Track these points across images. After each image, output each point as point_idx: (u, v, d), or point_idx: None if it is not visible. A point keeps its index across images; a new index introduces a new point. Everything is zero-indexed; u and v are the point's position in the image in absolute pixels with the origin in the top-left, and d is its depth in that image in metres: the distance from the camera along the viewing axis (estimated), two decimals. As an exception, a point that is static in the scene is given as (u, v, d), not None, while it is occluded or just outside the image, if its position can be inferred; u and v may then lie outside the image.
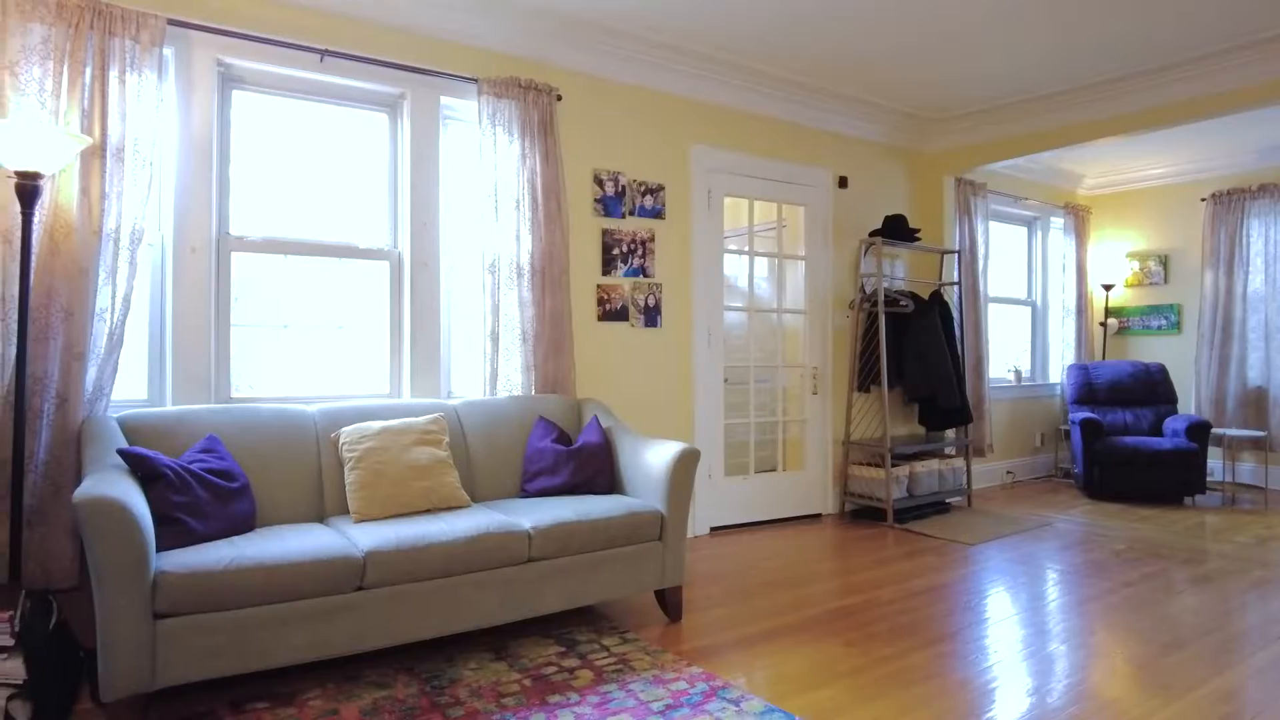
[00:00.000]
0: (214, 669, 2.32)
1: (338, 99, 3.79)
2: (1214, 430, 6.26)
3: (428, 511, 3.04)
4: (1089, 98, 5.25)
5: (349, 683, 2.65)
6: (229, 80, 3.51)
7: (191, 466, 2.65)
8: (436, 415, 3.34)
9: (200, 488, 2.60)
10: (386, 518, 2.94)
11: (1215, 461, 6.81)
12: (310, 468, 3.10)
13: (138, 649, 2.20)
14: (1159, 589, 3.80)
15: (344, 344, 3.83)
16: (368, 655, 2.90)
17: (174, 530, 2.48)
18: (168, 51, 3.29)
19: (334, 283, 3.80)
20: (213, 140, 3.39)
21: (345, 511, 3.09)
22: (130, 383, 3.31)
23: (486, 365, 3.91)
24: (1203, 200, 6.85)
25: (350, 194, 3.86)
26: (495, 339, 3.92)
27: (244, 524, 2.73)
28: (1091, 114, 5.31)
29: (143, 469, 2.50)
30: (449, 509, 3.09)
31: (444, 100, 3.97)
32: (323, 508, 3.09)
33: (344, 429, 3.15)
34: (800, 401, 5.52)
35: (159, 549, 2.43)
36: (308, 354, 3.75)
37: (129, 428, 2.85)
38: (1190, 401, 7.01)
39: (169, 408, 3.03)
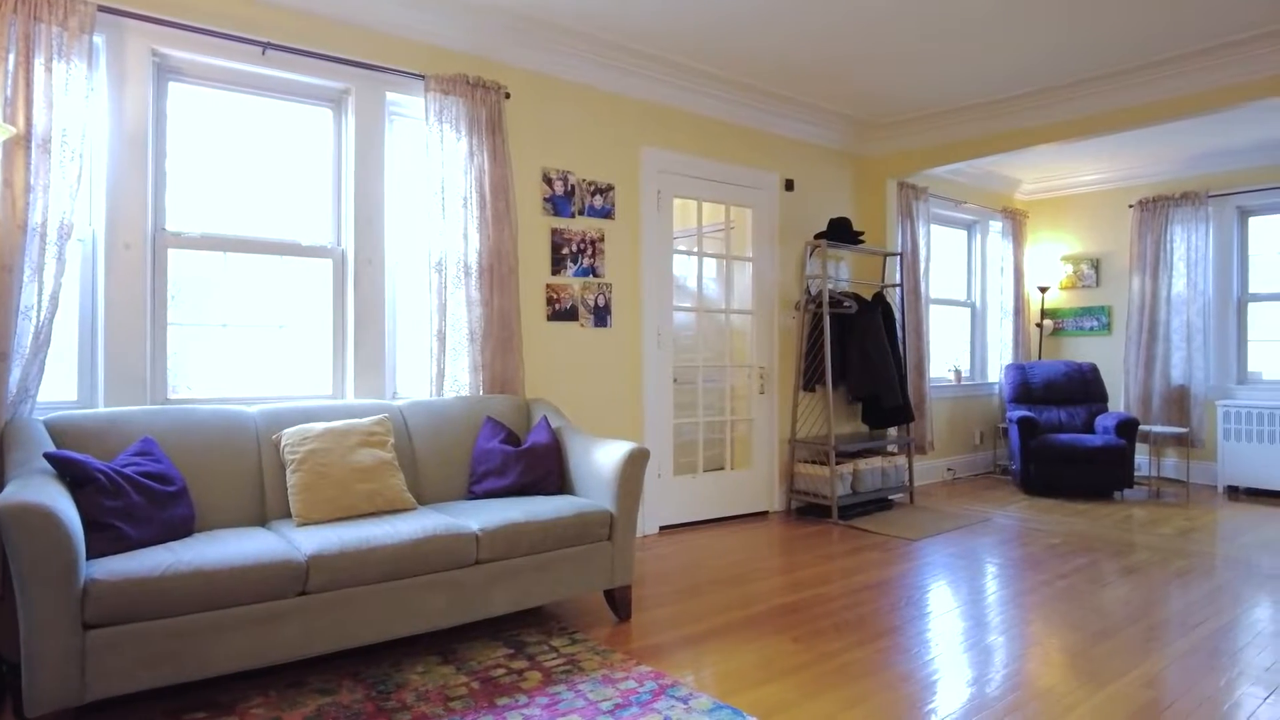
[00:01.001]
0: (149, 680, 2.25)
1: (281, 93, 3.70)
2: (1141, 427, 6.53)
3: (372, 514, 2.99)
4: (1028, 105, 5.42)
5: (292, 689, 2.59)
6: (165, 71, 3.40)
7: (125, 470, 2.56)
8: (381, 416, 3.29)
9: (135, 492, 2.52)
10: (330, 521, 2.89)
11: (1142, 457, 7.10)
12: (251, 470, 3.02)
13: (66, 661, 2.12)
14: (1090, 581, 3.94)
15: (286, 343, 3.75)
16: (312, 661, 2.84)
17: (106, 536, 2.39)
18: (98, 39, 3.17)
19: (276, 281, 3.71)
20: (148, 133, 3.28)
21: (287, 514, 3.02)
22: (59, 384, 3.18)
23: (433, 365, 3.86)
24: (1131, 206, 7.13)
25: (293, 190, 3.77)
26: (442, 338, 3.87)
27: (182, 528, 2.65)
28: (1030, 121, 5.48)
29: (72, 473, 2.40)
30: (394, 511, 3.04)
31: (390, 96, 3.91)
32: (264, 511, 3.02)
33: (285, 430, 3.08)
34: (748, 401, 5.58)
35: (90, 556, 2.34)
36: (248, 354, 3.65)
37: (57, 430, 2.74)
38: (1120, 399, 7.29)
39: (101, 409, 2.92)
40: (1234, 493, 6.39)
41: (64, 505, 2.17)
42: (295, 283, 3.76)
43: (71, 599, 2.12)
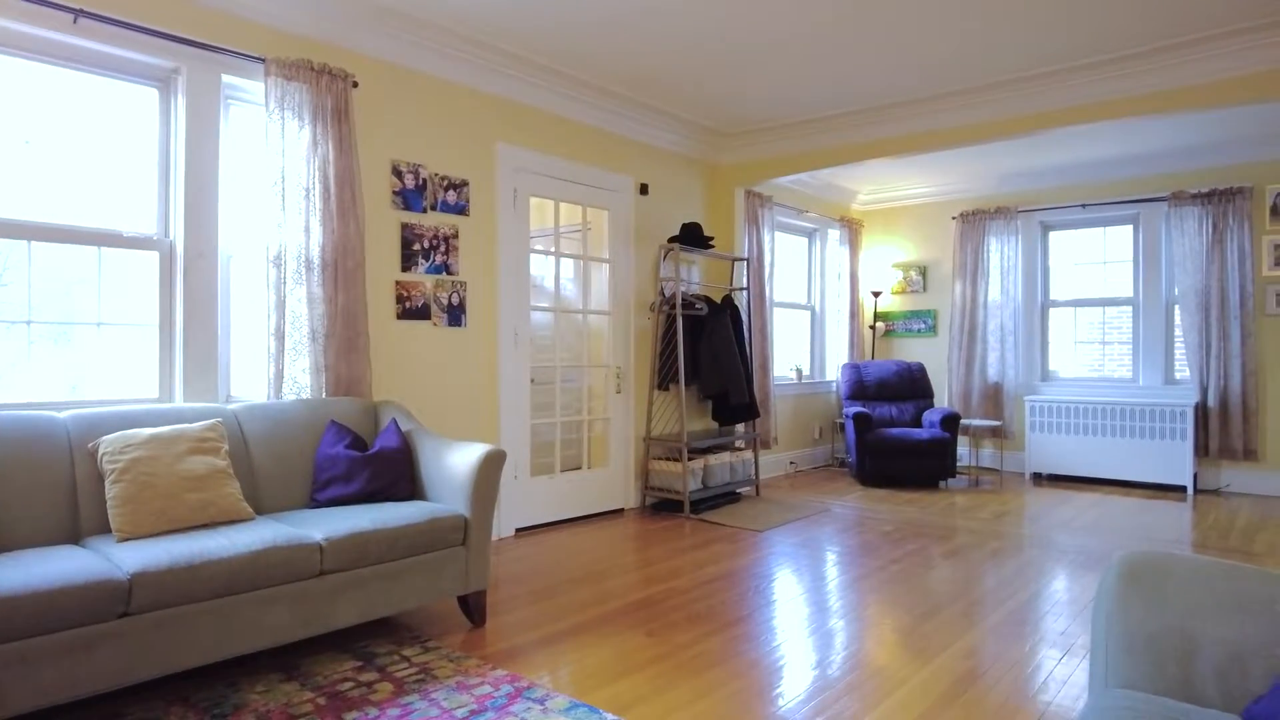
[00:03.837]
0: (-65, 721, 2.00)
1: (97, 68, 3.37)
2: (962, 421, 7.13)
3: (205, 526, 2.79)
4: (866, 121, 5.79)
5: (110, 721, 2.38)
6: (-48, 36, 3.03)
7: (-97, 486, 2.26)
8: (214, 421, 3.07)
9: (-85, 511, 2.22)
10: (157, 534, 2.67)
11: (963, 448, 7.76)
12: (61, 483, 2.74)
13: None
14: (919, 564, 4.27)
15: (104, 343, 3.42)
16: (137, 688, 2.62)
17: (-121, 562, 2.10)
18: None
19: (92, 274, 3.38)
20: (-70, 104, 2.90)
21: (107, 530, 2.77)
22: None
23: (271, 366, 3.65)
24: (953, 218, 7.77)
25: (113, 176, 3.45)
26: (280, 337, 3.67)
27: (-26, 550, 2.37)
28: (865, 136, 5.86)
29: None
30: (230, 522, 2.85)
31: (227, 79, 3.66)
32: (78, 527, 2.75)
33: (104, 438, 2.82)
34: (605, 400, 5.63)
35: None
36: (59, 354, 3.31)
37: None
38: (944, 396, 7.93)
39: None
40: (1039, 479, 7.10)
41: None
42: (116, 276, 3.44)
43: None
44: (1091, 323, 7.32)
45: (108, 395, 3.40)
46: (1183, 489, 6.50)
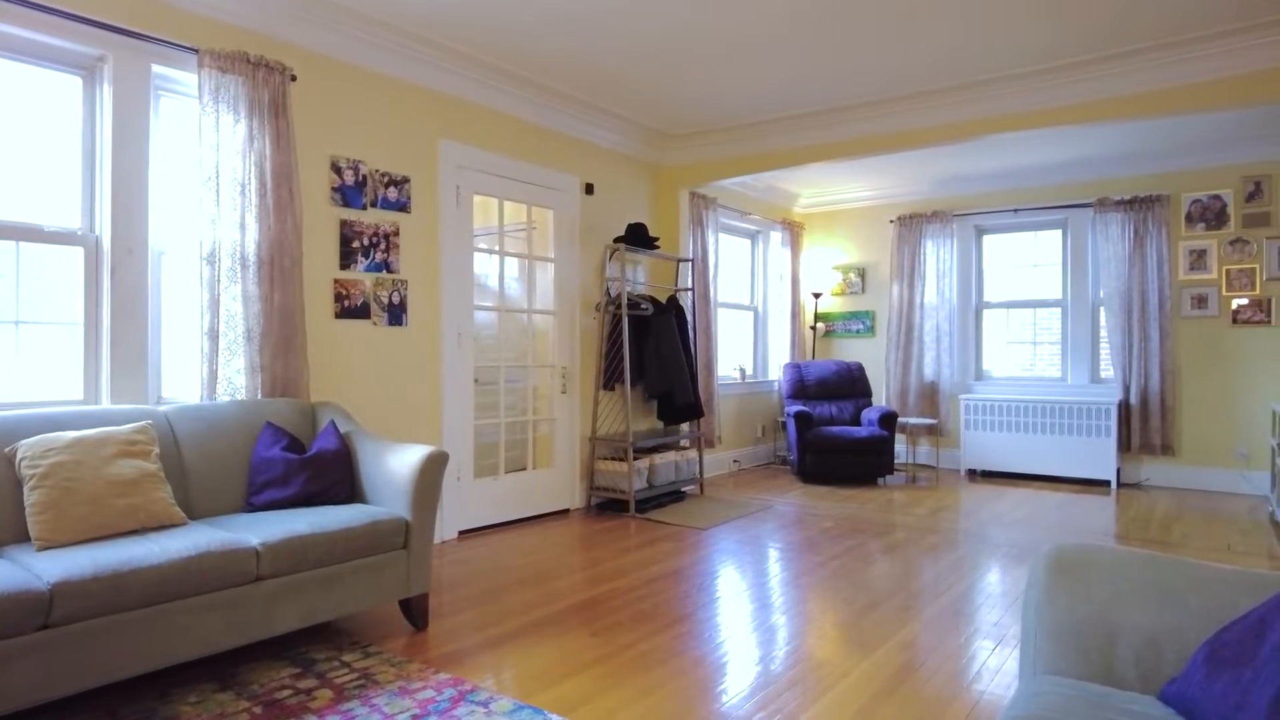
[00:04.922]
0: None
1: (15, 53, 3.22)
2: (899, 419, 7.30)
3: (134, 532, 2.69)
4: (808, 125, 5.88)
5: (31, 737, 2.28)
6: None
7: None
8: (144, 423, 2.97)
9: None
10: (81, 542, 2.56)
11: (901, 446, 7.94)
12: (-24, 489, 2.61)
13: None
14: (859, 559, 4.36)
15: (24, 342, 3.27)
16: (59, 703, 2.51)
17: None
18: None
19: (10, 269, 3.23)
20: None
21: (25, 539, 2.65)
22: None
23: (204, 366, 3.54)
24: (891, 222, 7.95)
25: (34, 166, 3.30)
26: (214, 337, 3.56)
27: (-120, 561, 2.24)
28: (810, 140, 5.95)
29: None
30: (161, 528, 2.76)
31: (158, 69, 3.53)
32: (-7, 535, 2.62)
33: (23, 441, 2.69)
34: (550, 400, 5.61)
35: None
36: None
37: None
38: (882, 394, 8.11)
39: None
40: (973, 475, 7.31)
41: None
42: (36, 272, 3.29)
43: None
44: (1023, 324, 7.57)
45: (27, 397, 3.25)
46: (1107, 483, 6.77)
